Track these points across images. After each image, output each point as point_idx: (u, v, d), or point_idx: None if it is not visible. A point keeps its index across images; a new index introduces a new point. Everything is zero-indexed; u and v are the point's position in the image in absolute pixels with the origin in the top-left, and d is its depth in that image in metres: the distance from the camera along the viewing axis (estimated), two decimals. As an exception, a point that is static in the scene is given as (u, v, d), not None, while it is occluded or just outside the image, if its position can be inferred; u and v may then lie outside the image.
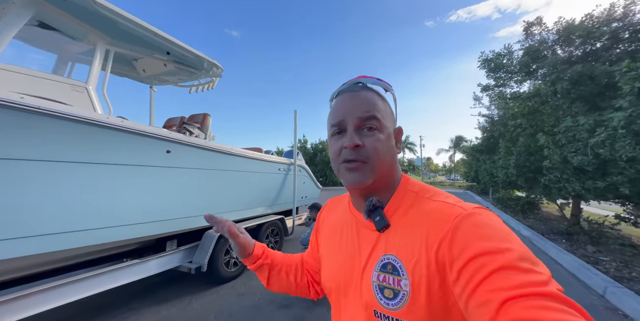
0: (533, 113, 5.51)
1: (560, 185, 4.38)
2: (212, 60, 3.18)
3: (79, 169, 1.79)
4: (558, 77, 4.18)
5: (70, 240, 1.78)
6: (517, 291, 0.26)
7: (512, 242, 0.32)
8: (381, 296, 0.40)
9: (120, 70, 3.32)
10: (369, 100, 0.45)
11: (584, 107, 4.08)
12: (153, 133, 2.17)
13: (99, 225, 1.92)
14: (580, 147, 3.49)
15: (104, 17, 2.06)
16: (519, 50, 5.29)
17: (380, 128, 0.44)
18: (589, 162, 3.41)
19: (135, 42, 2.56)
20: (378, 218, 0.44)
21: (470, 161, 19.05)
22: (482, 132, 11.62)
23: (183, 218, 2.56)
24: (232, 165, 3.15)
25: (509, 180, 7.51)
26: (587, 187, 3.57)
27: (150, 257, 2.40)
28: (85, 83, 2.16)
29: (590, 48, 4.13)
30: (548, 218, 7.90)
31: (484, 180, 13.26)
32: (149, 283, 2.82)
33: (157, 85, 3.87)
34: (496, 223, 0.35)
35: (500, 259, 0.29)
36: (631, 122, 2.76)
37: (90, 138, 1.82)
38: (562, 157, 4.05)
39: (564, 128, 3.84)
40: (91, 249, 2.01)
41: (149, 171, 2.21)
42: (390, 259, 0.40)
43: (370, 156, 0.43)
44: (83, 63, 2.90)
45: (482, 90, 6.22)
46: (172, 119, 3.75)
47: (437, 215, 0.38)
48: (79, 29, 2.23)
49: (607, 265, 3.58)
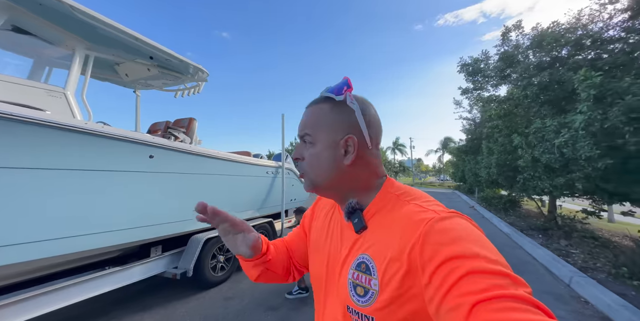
0: (508, 115, 5.86)
1: (534, 183, 4.67)
2: (197, 65, 3.19)
3: (57, 176, 1.76)
4: (529, 82, 4.49)
5: (49, 248, 1.74)
6: (486, 294, 0.27)
7: (482, 246, 0.32)
8: (354, 293, 0.42)
9: (101, 75, 3.26)
10: (308, 117, 0.49)
11: (551, 110, 4.40)
12: (134, 139, 2.16)
13: (79, 233, 1.89)
14: (549, 146, 3.76)
15: (81, 22, 2.03)
16: (495, 55, 5.62)
17: (315, 142, 0.47)
18: (555, 160, 3.68)
19: (116, 47, 2.54)
20: (357, 220, 0.46)
21: (457, 162, 19.72)
22: (466, 133, 12.10)
23: (168, 224, 2.54)
24: (218, 169, 3.15)
25: (491, 179, 7.87)
26: (555, 183, 3.85)
27: (133, 264, 2.37)
28: (63, 89, 2.13)
29: (557, 54, 4.45)
30: (528, 215, 8.32)
31: (470, 179, 13.77)
32: (132, 290, 2.77)
33: (142, 90, 3.83)
34: (467, 227, 0.36)
35: (469, 263, 0.30)
36: (589, 124, 3.02)
37: (67, 144, 1.80)
38: (533, 156, 4.34)
39: (534, 130, 4.12)
40: (71, 257, 1.97)
41: (132, 176, 2.20)
42: (365, 259, 0.42)
43: (305, 169, 0.49)
44: (61, 68, 2.84)
45: (462, 93, 6.54)
46: (157, 124, 3.71)
47: (410, 218, 0.39)
48: (55, 34, 2.20)
49: (576, 257, 3.85)
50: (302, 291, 2.73)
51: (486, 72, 5.56)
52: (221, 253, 3.10)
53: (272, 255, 0.59)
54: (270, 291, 2.86)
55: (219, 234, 0.53)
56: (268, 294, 2.80)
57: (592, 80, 2.98)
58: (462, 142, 14.13)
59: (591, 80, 2.99)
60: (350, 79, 0.47)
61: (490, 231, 6.25)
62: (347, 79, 0.47)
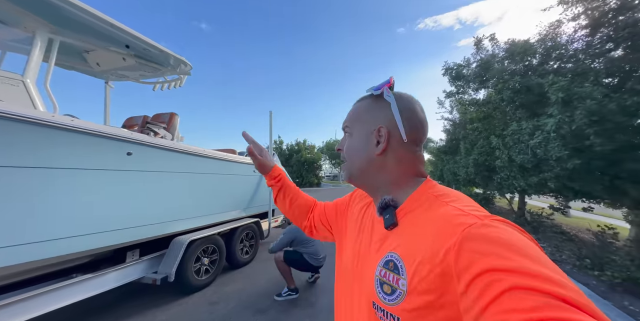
0: (487, 118, 6.22)
1: (509, 182, 5.00)
2: (179, 57, 2.99)
3: (15, 174, 1.56)
4: (504, 86, 4.79)
5: (5, 256, 1.53)
6: (539, 314, 0.24)
7: (534, 259, 0.28)
8: (380, 290, 0.41)
9: (68, 62, 2.95)
10: (351, 112, 0.54)
11: (526, 113, 4.72)
12: (110, 134, 1.97)
13: (43, 238, 1.68)
14: (523, 147, 4.03)
15: (44, 0, 1.81)
16: (474, 62, 5.95)
17: (352, 133, 0.52)
18: (528, 161, 3.95)
19: (85, 33, 2.29)
20: (388, 216, 0.45)
21: (436, 161, 20.68)
22: (446, 134, 12.65)
23: (147, 226, 2.36)
24: (202, 167, 2.99)
25: (469, 178, 8.33)
26: (529, 182, 4.14)
27: (106, 270, 2.17)
28: (22, 76, 1.89)
29: (528, 62, 4.80)
30: (500, 211, 8.94)
31: (448, 178, 14.49)
32: (106, 298, 2.54)
33: (114, 81, 3.52)
34: (512, 236, 0.32)
35: (514, 277, 0.27)
36: (559, 126, 3.27)
37: (28, 138, 1.60)
38: (509, 156, 4.63)
39: (511, 132, 4.40)
40: (31, 265, 1.75)
41: (107, 175, 2.01)
42: (393, 257, 0.41)
43: (344, 157, 0.54)
44: (20, 53, 2.53)
45: (446, 96, 6.82)
46: (132, 118, 3.44)
47: (447, 221, 0.37)
48: (11, 13, 1.93)
49: (545, 251, 4.17)
50: (291, 293, 2.67)
51: (468, 77, 5.87)
52: (205, 255, 2.95)
53: (283, 184, 0.79)
54: (259, 294, 2.77)
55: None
56: (256, 297, 2.71)
57: (559, 84, 3.24)
58: (441, 142, 14.76)
59: (558, 85, 3.24)
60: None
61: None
62: (391, 78, 0.50)
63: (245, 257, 3.68)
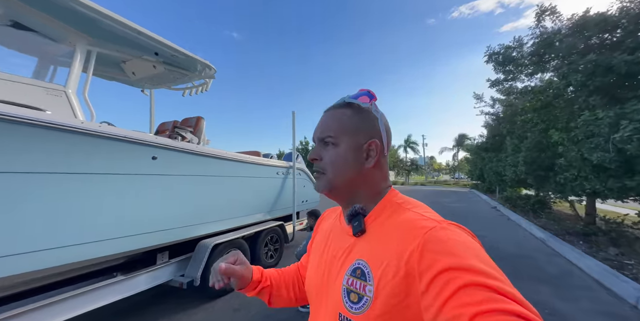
0: (545, 107, 5.22)
1: (576, 184, 4.11)
2: (204, 61, 3.03)
3: (55, 181, 1.64)
4: (570, 68, 3.92)
5: (47, 258, 1.61)
6: (486, 306, 0.27)
7: (482, 260, 0.33)
8: (347, 299, 0.41)
9: (108, 73, 3.19)
10: (331, 121, 0.50)
11: (602, 99, 3.81)
12: (134, 139, 2.00)
13: (81, 241, 1.76)
14: (601, 142, 3.23)
15: (81, 14, 1.91)
16: (529, 41, 5.00)
17: (339, 144, 0.49)
18: (610, 159, 3.15)
19: (119, 42, 2.41)
20: (356, 223, 0.46)
21: (474, 159, 18.67)
22: (487, 130, 11.29)
23: (175, 229, 2.39)
24: (226, 170, 2.98)
25: (518, 178, 7.22)
26: (610, 186, 3.30)
27: (139, 272, 2.23)
28: (64, 87, 2.01)
29: (608, 35, 3.83)
30: (560, 217, 7.54)
31: (490, 178, 12.90)
32: (134, 300, 2.63)
33: (151, 89, 3.74)
34: (467, 240, 0.36)
35: (468, 275, 0.30)
36: (660, 114, 2.51)
37: (63, 146, 1.67)
38: (579, 153, 3.79)
39: (581, 123, 3.58)
40: (72, 267, 1.85)
41: (133, 180, 2.05)
42: (360, 264, 0.42)
43: (326, 168, 0.49)
44: (66, 66, 2.77)
45: (491, 85, 5.93)
46: (165, 124, 3.61)
47: (410, 225, 0.40)
48: (56, 29, 2.09)
49: (634, 270, 3.30)
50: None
51: (519, 60, 4.96)
52: (230, 259, 2.92)
53: (271, 281, 0.64)
54: (282, 303, 2.64)
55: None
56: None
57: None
58: (481, 138, 13.25)
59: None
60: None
61: (521, 235, 5.67)
62: (369, 90, 0.51)
63: (269, 261, 3.60)
